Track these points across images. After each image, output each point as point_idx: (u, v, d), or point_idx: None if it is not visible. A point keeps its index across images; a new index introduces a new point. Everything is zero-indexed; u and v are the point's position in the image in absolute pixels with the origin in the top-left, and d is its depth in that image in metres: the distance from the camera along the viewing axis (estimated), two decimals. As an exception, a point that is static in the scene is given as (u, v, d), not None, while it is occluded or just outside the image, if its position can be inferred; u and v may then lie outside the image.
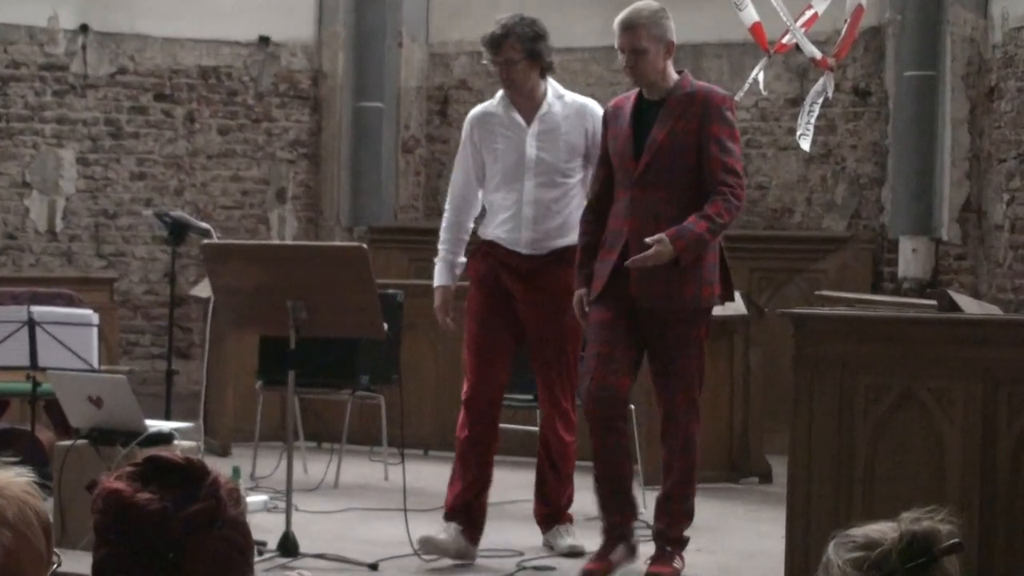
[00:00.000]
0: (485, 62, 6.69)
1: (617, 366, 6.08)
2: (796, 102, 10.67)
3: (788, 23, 7.65)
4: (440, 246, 6.74)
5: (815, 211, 11.30)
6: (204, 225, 8.56)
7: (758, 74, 7.92)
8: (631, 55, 6.08)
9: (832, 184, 11.25)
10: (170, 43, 12.16)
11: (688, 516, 6.25)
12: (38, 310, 7.80)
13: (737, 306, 8.94)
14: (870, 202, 11.08)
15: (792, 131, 9.18)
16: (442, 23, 12.51)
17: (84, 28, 11.90)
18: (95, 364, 7.65)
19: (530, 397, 7.49)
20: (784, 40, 7.86)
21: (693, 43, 11.62)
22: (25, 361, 7.69)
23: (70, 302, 8.63)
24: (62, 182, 11.88)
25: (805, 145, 7.89)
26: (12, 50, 11.78)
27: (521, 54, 6.47)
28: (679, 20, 11.50)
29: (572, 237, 6.46)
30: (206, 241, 7.36)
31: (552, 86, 6.62)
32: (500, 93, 6.67)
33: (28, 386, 7.79)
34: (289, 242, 11.76)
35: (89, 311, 8.01)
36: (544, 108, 6.54)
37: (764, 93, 9.02)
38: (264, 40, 12.34)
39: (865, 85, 11.06)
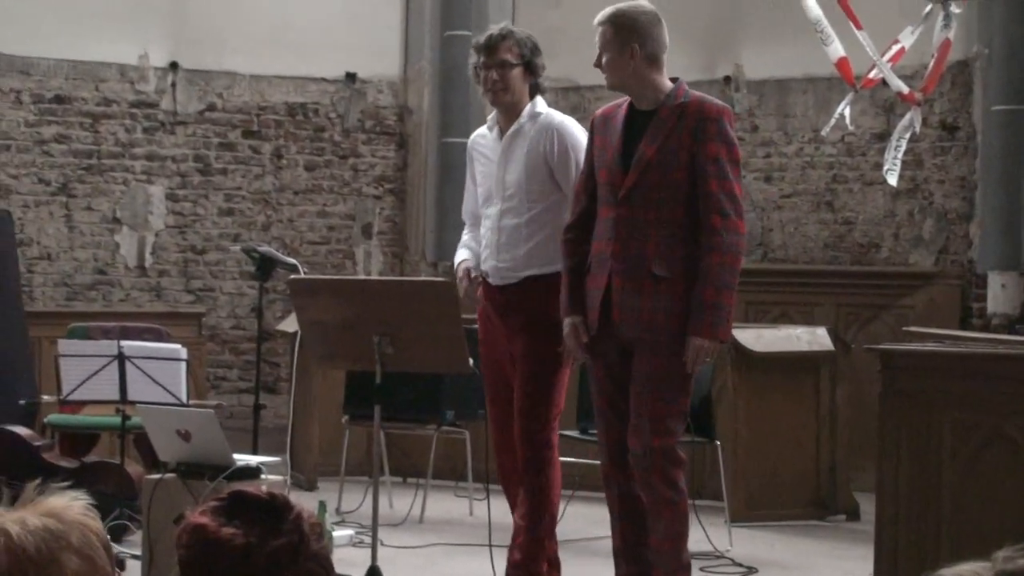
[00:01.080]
0: (472, 63, 6.17)
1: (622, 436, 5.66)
2: (883, 137, 10.60)
3: (875, 58, 7.61)
4: (462, 239, 6.43)
5: (902, 246, 11.21)
6: (291, 260, 8.60)
7: (844, 109, 7.87)
8: (600, 53, 5.67)
9: (920, 219, 11.16)
10: (258, 80, 12.27)
11: (687, 569, 5.70)
12: (128, 345, 7.86)
13: (823, 342, 8.89)
14: (958, 237, 10.98)
15: (879, 166, 9.13)
16: (527, 59, 12.54)
17: (174, 66, 12.04)
18: (183, 398, 7.70)
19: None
20: (871, 75, 7.82)
21: (779, 78, 11.59)
22: (115, 395, 7.75)
23: (159, 337, 8.71)
24: (151, 218, 12.00)
25: (892, 180, 7.84)
26: (104, 88, 11.93)
27: (518, 59, 6.06)
28: (766, 55, 11.56)
29: (547, 267, 6.01)
30: (293, 276, 7.39)
31: (535, 104, 6.16)
32: (492, 113, 6.27)
33: (118, 420, 7.85)
34: (375, 277, 11.81)
35: (177, 346, 8.06)
36: (515, 126, 6.11)
37: (850, 128, 8.98)
38: (351, 77, 12.43)
39: (952, 120, 10.98)
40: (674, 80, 5.70)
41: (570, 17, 12.23)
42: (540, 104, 6.18)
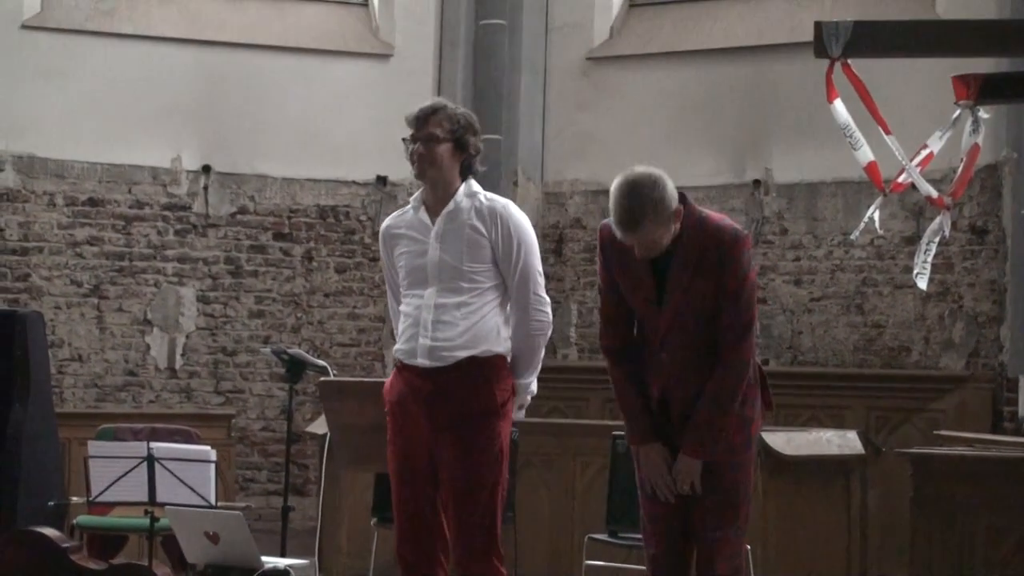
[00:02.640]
0: (404, 140, 5.79)
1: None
2: (912, 240, 10.62)
3: (904, 162, 7.63)
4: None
5: (933, 350, 11.18)
6: (321, 363, 8.60)
7: (874, 213, 7.88)
8: (642, 247, 5.37)
9: (950, 323, 11.14)
10: (289, 183, 12.35)
11: None
12: (157, 446, 7.86)
13: (854, 445, 8.84)
14: (988, 340, 10.95)
15: (909, 269, 9.13)
16: (557, 163, 12.61)
17: (206, 169, 12.13)
18: (212, 500, 7.68)
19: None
20: (900, 179, 7.83)
21: (808, 182, 11.62)
22: (144, 497, 7.74)
23: (188, 438, 8.71)
24: (182, 319, 12.05)
25: (922, 284, 7.82)
26: (136, 190, 12.02)
27: (447, 134, 5.72)
28: (795, 159, 11.60)
29: (481, 347, 5.68)
30: (323, 379, 7.40)
31: (469, 184, 5.81)
32: (415, 194, 5.90)
33: (146, 522, 7.83)
34: (404, 379, 11.79)
35: (207, 447, 8.05)
36: (451, 205, 5.74)
37: (880, 232, 8.98)
38: (381, 180, 12.50)
39: (982, 223, 10.99)
40: (681, 198, 5.42)
41: (601, 121, 12.31)
42: (475, 185, 5.82)
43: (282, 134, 12.24)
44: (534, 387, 5.84)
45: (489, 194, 5.84)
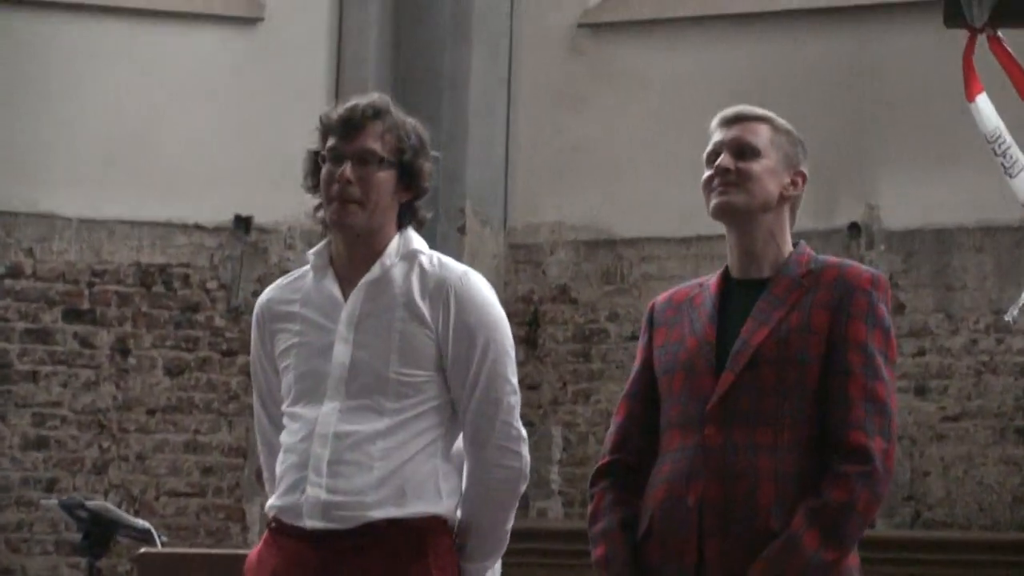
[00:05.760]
0: (317, 153, 5.76)
1: None
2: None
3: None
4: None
5: None
6: (141, 523, 8.66)
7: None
8: (736, 155, 5.67)
9: None
10: (92, 228, 12.39)
11: None
12: None
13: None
14: None
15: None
16: (529, 195, 12.64)
17: (-45, 205, 12.20)
18: None
19: None
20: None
21: (936, 227, 11.74)
22: None
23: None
24: (-86, 452, 12.09)
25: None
26: None
27: (392, 153, 5.76)
28: (914, 192, 11.64)
29: (410, 507, 5.67)
30: (145, 550, 7.45)
31: (406, 238, 5.85)
32: (316, 249, 5.98)
33: None
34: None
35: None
36: (376, 271, 5.77)
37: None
38: (242, 223, 12.53)
39: None
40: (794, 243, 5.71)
41: (599, 125, 12.37)
42: (416, 240, 5.88)
43: (82, 149, 12.30)
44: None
45: (439, 256, 5.84)
